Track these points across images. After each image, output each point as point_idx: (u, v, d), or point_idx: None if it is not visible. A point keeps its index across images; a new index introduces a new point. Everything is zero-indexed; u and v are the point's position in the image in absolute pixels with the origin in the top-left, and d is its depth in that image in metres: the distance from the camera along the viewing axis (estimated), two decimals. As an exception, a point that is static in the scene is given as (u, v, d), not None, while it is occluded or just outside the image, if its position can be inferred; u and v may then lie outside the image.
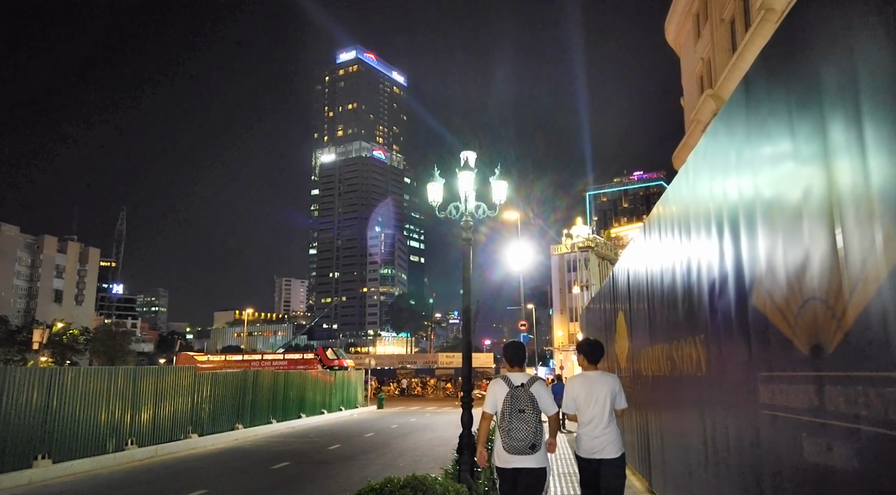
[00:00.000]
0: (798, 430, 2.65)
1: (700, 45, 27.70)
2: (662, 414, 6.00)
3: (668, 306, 5.38)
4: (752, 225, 3.17)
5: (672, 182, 5.27)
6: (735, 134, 3.48)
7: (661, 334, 5.78)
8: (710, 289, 3.97)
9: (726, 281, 3.64)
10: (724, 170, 3.68)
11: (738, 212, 3.38)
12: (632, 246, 7.67)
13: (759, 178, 3.08)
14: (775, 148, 2.87)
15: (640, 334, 7.07)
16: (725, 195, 3.65)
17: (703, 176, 4.22)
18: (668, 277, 5.40)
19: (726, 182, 3.65)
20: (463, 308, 7.88)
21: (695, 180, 4.45)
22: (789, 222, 2.67)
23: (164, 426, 14.72)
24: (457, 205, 8.07)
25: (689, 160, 4.55)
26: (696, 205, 4.40)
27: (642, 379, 7.01)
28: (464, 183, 7.83)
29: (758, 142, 3.10)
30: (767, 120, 2.94)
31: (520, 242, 31.22)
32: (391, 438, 17.44)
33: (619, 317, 8.94)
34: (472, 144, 8.03)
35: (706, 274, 4.07)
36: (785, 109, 2.72)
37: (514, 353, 4.76)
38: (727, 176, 3.62)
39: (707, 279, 4.04)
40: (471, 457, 7.56)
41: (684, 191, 4.84)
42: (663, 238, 5.61)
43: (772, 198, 2.90)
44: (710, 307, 4.00)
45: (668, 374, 5.48)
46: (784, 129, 2.74)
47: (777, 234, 2.82)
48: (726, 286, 3.66)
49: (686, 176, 4.78)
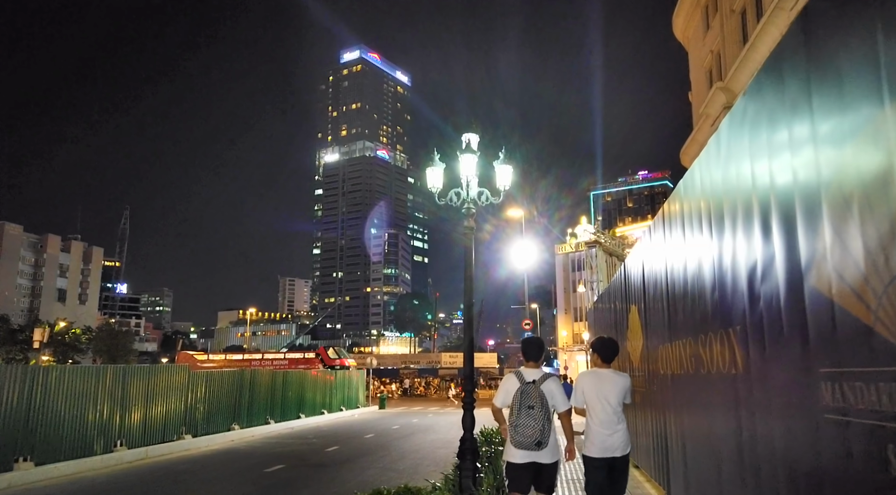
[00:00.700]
0: (882, 440, 2.10)
1: (709, 37, 27.08)
2: (684, 417, 5.42)
3: (693, 297, 4.82)
4: (811, 192, 2.61)
5: (698, 159, 4.70)
6: (787, 87, 2.91)
7: (683, 329, 5.21)
8: (750, 272, 3.41)
9: (772, 262, 3.08)
10: (770, 129, 3.12)
11: (792, 180, 2.82)
12: (647, 235, 7.10)
13: (822, 130, 2.52)
14: (845, 93, 2.31)
15: (657, 330, 6.50)
16: (771, 161, 3.09)
17: (739, 144, 3.66)
18: (692, 264, 4.83)
19: (773, 145, 3.09)
20: (465, 302, 7.33)
21: (729, 151, 3.88)
22: (870, 183, 2.11)
23: (156, 427, 14.20)
24: (458, 192, 7.51)
25: (722, 128, 3.98)
26: (729, 179, 3.83)
27: (660, 378, 6.44)
28: (465, 167, 7.26)
29: (821, 90, 2.54)
30: (836, 54, 2.38)
31: (524, 240, 30.73)
32: (392, 439, 16.89)
33: (632, 314, 8.37)
34: (474, 126, 7.47)
35: (744, 255, 3.51)
36: (864, 39, 2.16)
37: (529, 348, 4.77)
38: (774, 136, 3.06)
39: (746, 261, 3.48)
40: (473, 463, 7.02)
41: (714, 167, 4.27)
42: (687, 221, 5.04)
43: (843, 156, 2.33)
44: (750, 294, 3.44)
45: (693, 373, 4.91)
46: (862, 65, 2.18)
47: (851, 200, 2.26)
48: (772, 268, 3.09)
49: (717, 147, 4.21)
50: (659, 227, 6.27)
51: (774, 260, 3.05)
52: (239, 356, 38.88)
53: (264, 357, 37.29)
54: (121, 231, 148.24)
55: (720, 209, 4.02)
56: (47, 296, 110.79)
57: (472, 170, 7.29)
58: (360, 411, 28.99)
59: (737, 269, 3.66)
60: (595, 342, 5.25)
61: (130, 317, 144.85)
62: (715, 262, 4.15)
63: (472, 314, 7.42)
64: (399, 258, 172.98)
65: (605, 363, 4.97)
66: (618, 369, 9.71)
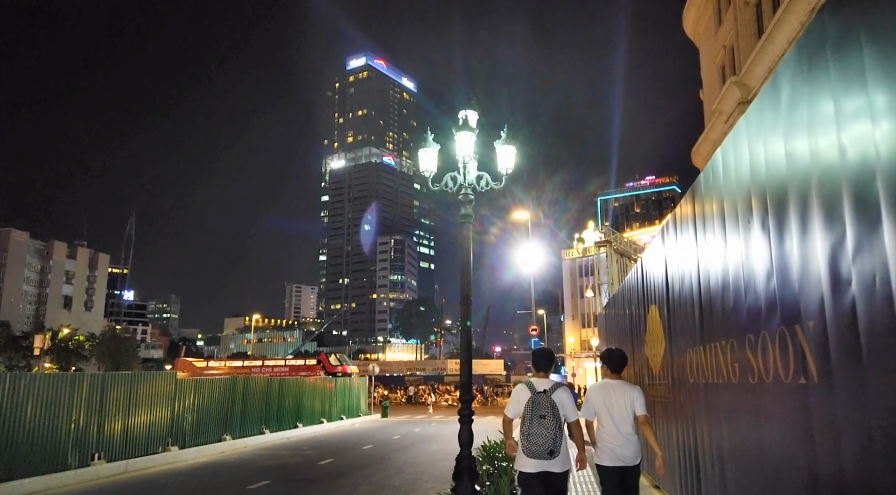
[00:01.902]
0: None
1: (721, 32, 26.18)
2: (723, 436, 4.50)
3: (737, 288, 3.91)
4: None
5: (744, 132, 3.80)
6: None
7: (722, 328, 4.30)
8: (833, 249, 2.51)
9: (875, 229, 2.19)
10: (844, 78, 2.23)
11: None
12: (670, 226, 6.20)
13: None
14: None
15: (685, 332, 5.58)
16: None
17: (798, 106, 2.78)
18: (735, 248, 3.93)
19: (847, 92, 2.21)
20: (462, 296, 6.45)
21: (794, 107, 2.99)
22: None
23: (139, 438, 13.34)
24: (454, 176, 6.64)
25: (783, 75, 3.09)
26: (797, 147, 2.94)
27: (688, 388, 5.51)
28: (462, 146, 6.38)
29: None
30: None
31: (530, 243, 29.95)
32: (390, 451, 15.97)
33: (652, 315, 7.46)
34: (473, 103, 6.59)
35: (822, 227, 2.61)
36: None
37: (539, 359, 4.83)
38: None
39: (826, 236, 2.58)
40: (471, 485, 6.12)
41: (771, 138, 3.38)
42: (728, 199, 4.15)
43: None
44: (832, 278, 2.54)
45: (737, 381, 4.00)
46: None
47: None
48: (874, 238, 2.20)
49: (759, 113, 3.35)
50: (689, 205, 5.35)
51: (880, 226, 2.16)
52: (239, 363, 38.03)
53: (264, 364, 36.43)
54: (126, 237, 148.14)
55: (781, 183, 3.12)
56: (53, 303, 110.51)
57: (469, 149, 6.40)
58: (362, 420, 28.05)
59: (809, 248, 2.76)
60: (604, 353, 5.27)
61: (137, 323, 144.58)
62: (772, 242, 3.25)
63: (470, 310, 6.56)
64: (405, 264, 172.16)
65: (614, 374, 5.00)
66: (631, 378, 8.78)
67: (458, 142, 6.35)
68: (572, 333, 62.51)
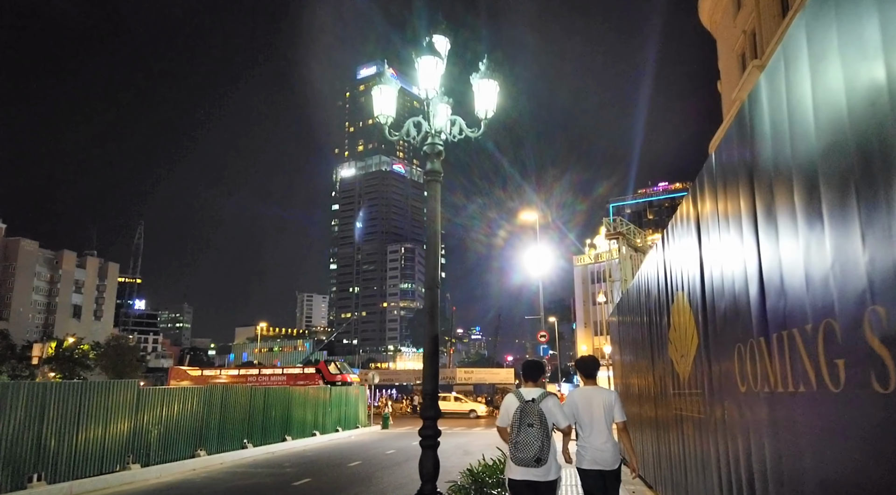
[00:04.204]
0: None
1: (741, 16, 24.51)
2: (804, 470, 2.84)
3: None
4: None
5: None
6: None
7: (795, 316, 2.67)
8: None
9: None
10: None
11: None
12: (706, 172, 4.56)
13: None
14: None
15: (731, 326, 3.94)
16: None
17: None
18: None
19: None
20: (426, 279, 4.88)
21: None
22: None
23: (91, 455, 11.82)
24: (418, 122, 5.06)
25: None
26: None
27: (740, 399, 3.86)
28: (426, 76, 4.79)
29: None
30: None
31: (538, 246, 28.44)
32: (379, 469, 14.32)
33: (678, 305, 5.80)
34: (440, 27, 5.02)
35: None
36: None
37: (528, 369, 4.95)
38: None
39: None
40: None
41: None
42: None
43: None
44: None
45: (840, 391, 2.36)
46: None
47: None
48: None
49: None
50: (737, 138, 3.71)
51: None
52: (234, 371, 36.52)
53: (261, 372, 34.89)
54: (135, 246, 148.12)
55: None
56: (62, 313, 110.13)
57: (435, 81, 4.82)
58: (360, 431, 26.39)
59: None
60: (578, 360, 5.43)
61: (148, 333, 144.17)
62: None
63: (436, 297, 5.01)
64: (416, 273, 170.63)
65: (588, 379, 5.14)
66: (651, 388, 7.14)
67: (420, 70, 4.78)
68: (584, 341, 60.61)
